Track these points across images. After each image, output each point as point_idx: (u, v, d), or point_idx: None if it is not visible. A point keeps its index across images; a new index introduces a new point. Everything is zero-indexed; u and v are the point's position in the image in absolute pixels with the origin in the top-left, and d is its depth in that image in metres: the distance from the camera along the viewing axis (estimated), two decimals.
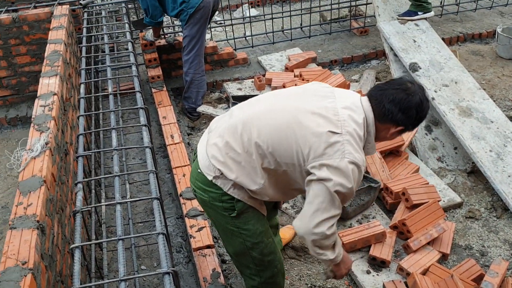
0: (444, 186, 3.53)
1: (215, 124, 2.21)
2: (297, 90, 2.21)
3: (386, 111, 1.97)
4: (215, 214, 2.23)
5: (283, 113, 2.02)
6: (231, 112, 2.20)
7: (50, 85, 3.02)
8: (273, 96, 2.18)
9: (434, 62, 4.36)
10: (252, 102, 2.19)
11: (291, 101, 2.07)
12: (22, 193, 2.18)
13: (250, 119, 2.06)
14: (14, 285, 1.75)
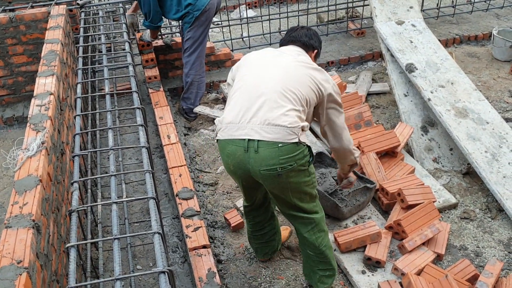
0: (439, 187, 3.54)
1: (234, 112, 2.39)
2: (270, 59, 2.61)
3: (307, 43, 2.67)
4: (297, 179, 2.38)
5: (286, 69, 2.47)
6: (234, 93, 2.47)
7: (47, 85, 3.02)
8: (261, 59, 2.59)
9: (431, 63, 4.38)
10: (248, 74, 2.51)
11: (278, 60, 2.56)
12: (18, 192, 2.18)
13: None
14: (9, 283, 1.76)
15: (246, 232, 3.29)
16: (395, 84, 4.37)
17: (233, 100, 2.43)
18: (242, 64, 2.60)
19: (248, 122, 2.31)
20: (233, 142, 2.33)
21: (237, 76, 2.55)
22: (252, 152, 2.29)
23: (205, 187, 3.77)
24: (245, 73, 2.50)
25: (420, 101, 4.21)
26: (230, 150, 2.35)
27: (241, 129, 2.31)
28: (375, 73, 5.18)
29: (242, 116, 2.33)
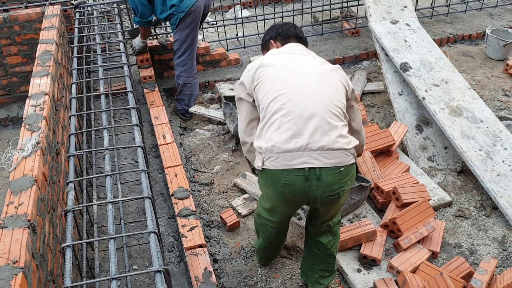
0: (434, 185, 3.56)
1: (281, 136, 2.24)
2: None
3: (305, 40, 2.75)
4: (347, 194, 2.38)
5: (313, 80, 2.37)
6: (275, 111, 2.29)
7: (42, 85, 3.01)
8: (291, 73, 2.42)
9: (425, 62, 4.40)
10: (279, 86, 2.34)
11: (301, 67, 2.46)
12: (13, 193, 2.18)
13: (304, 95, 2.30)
14: (4, 284, 1.75)
15: (241, 232, 3.30)
16: (389, 83, 4.39)
17: (276, 124, 2.23)
18: (262, 77, 2.36)
19: (304, 150, 2.16)
20: (290, 172, 2.17)
21: (263, 92, 2.33)
22: (314, 180, 2.17)
23: (201, 186, 3.77)
24: (280, 90, 2.27)
25: (415, 100, 4.22)
26: (289, 180, 2.19)
27: (297, 157, 2.16)
28: (370, 72, 5.20)
29: (295, 143, 2.17)
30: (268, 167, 2.21)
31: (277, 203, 2.41)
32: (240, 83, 2.50)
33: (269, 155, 2.20)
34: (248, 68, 2.48)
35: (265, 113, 2.28)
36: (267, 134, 2.24)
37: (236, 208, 3.46)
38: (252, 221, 3.36)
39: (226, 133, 4.34)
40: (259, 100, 2.36)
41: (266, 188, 2.36)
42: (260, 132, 2.30)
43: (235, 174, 3.87)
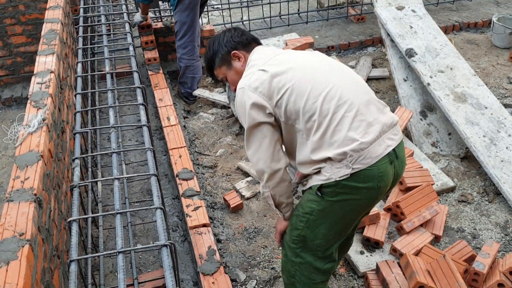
0: (437, 170, 3.56)
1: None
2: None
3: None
4: None
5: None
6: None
7: (47, 63, 3.01)
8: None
9: (430, 48, 4.38)
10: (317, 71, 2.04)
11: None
12: (19, 167, 2.19)
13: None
14: (11, 255, 1.77)
15: (245, 213, 3.31)
16: (394, 69, 4.37)
17: (345, 121, 1.91)
18: (287, 85, 1.96)
19: (381, 134, 1.96)
20: (380, 162, 1.94)
21: (301, 99, 1.94)
22: (395, 160, 2.01)
23: (205, 169, 3.78)
24: (324, 88, 1.94)
25: (420, 86, 4.21)
26: (382, 171, 1.95)
27: (381, 144, 1.95)
28: (375, 59, 5.18)
29: (375, 131, 1.94)
30: (360, 168, 1.91)
31: (356, 214, 2.11)
32: (249, 108, 1.98)
33: (357, 154, 1.90)
34: (246, 89, 1.99)
35: (320, 118, 1.91)
36: (338, 137, 1.90)
37: (239, 191, 3.48)
38: (255, 203, 3.38)
39: (230, 117, 4.34)
40: (296, 110, 1.95)
41: (352, 197, 1.99)
42: (321, 141, 1.93)
43: (238, 158, 3.88)
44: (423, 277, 2.57)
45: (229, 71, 2.22)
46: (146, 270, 2.86)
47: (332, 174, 1.93)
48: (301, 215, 2.10)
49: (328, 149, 1.92)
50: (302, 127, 1.96)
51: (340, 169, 1.92)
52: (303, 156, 2.01)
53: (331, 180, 1.94)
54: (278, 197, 2.11)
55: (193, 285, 2.77)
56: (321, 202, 2.02)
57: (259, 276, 2.83)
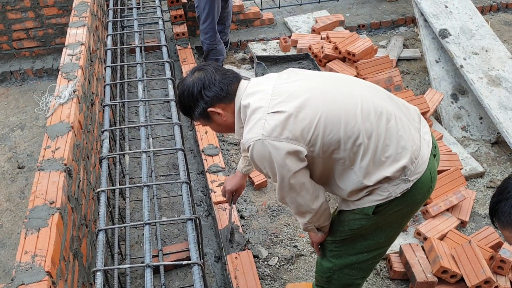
0: (466, 155, 3.49)
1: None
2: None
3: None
4: None
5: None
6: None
7: (78, 35, 3.04)
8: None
9: (465, 29, 4.24)
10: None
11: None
12: (50, 137, 2.23)
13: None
14: (42, 222, 1.82)
15: (268, 191, 3.32)
16: (427, 49, 4.26)
17: (388, 137, 1.75)
18: (314, 117, 1.70)
19: (419, 135, 1.85)
20: (429, 161, 1.85)
21: (336, 128, 1.71)
22: (434, 150, 1.91)
23: (230, 146, 3.79)
24: (350, 109, 1.74)
25: (452, 68, 4.10)
26: (432, 171, 1.87)
27: (422, 144, 1.84)
28: (407, 39, 5.06)
29: (413, 136, 1.81)
30: (417, 177, 1.80)
31: (410, 217, 2.03)
32: (283, 159, 1.70)
33: (414, 165, 1.78)
34: (267, 140, 1.69)
35: (366, 139, 1.72)
36: (391, 152, 1.75)
37: None
38: None
39: None
40: (336, 140, 1.72)
41: (406, 206, 1.88)
42: (373, 163, 1.75)
43: None
44: (447, 262, 2.55)
45: (209, 123, 1.94)
46: (170, 242, 2.91)
47: (391, 192, 1.79)
48: (347, 231, 1.97)
49: (383, 168, 1.75)
50: (344, 155, 1.74)
51: (399, 185, 1.78)
52: (352, 184, 1.80)
53: (390, 198, 1.80)
54: (322, 224, 1.97)
55: (215, 259, 2.81)
56: (374, 218, 1.87)
57: (281, 253, 2.85)
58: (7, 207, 3.38)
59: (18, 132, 4.10)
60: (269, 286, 2.64)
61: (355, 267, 2.09)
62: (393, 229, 2.00)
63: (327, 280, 2.18)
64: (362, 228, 1.93)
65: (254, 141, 1.71)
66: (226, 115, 1.87)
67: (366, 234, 1.98)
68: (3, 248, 3.09)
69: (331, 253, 2.10)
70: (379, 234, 1.98)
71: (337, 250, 2.07)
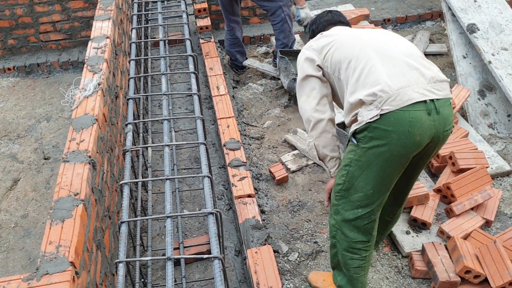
0: (493, 153, 3.41)
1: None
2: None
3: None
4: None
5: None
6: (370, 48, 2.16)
7: (103, 29, 3.07)
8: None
9: (494, 24, 4.14)
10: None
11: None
12: (75, 130, 2.27)
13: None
14: (66, 213, 1.85)
15: (289, 186, 3.31)
16: (454, 45, 4.17)
17: (379, 67, 2.05)
18: (334, 40, 2.27)
19: (417, 83, 2.01)
20: (413, 108, 1.97)
21: (343, 49, 2.20)
22: (435, 114, 2.01)
23: (251, 140, 3.79)
24: (365, 41, 2.20)
25: (480, 63, 4.01)
26: (414, 117, 1.97)
27: (415, 91, 1.99)
28: (433, 34, 4.96)
29: (409, 78, 2.02)
30: (389, 109, 1.96)
31: (391, 167, 2.10)
32: (303, 61, 2.32)
33: (387, 95, 1.97)
34: (304, 48, 2.37)
35: (356, 63, 2.09)
36: (371, 79, 2.03)
37: (285, 163, 3.47)
38: (301, 177, 3.37)
39: (279, 89, 4.31)
40: (338, 60, 2.18)
41: (382, 143, 2.03)
42: (356, 83, 2.07)
43: (286, 130, 3.85)
44: (470, 262, 2.50)
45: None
46: (191, 235, 2.93)
47: (364, 117, 2.03)
48: (342, 169, 2.21)
49: (361, 91, 2.04)
50: (344, 76, 2.15)
51: (371, 111, 2.01)
52: (345, 103, 2.15)
53: (362, 123, 2.03)
54: (321, 149, 2.29)
55: (235, 254, 2.82)
56: (357, 150, 2.11)
57: (301, 249, 2.84)
58: (33, 197, 3.46)
59: (44, 123, 4.18)
60: (289, 282, 2.64)
61: (352, 225, 2.23)
62: (376, 174, 2.11)
63: (334, 243, 2.35)
64: (351, 165, 2.14)
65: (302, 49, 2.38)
66: None
67: (354, 181, 2.15)
68: (29, 237, 3.16)
69: (333, 208, 2.29)
70: (365, 180, 2.13)
71: (337, 204, 2.26)
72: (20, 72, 4.83)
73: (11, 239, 3.16)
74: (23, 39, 4.82)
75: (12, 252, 3.08)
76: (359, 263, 2.30)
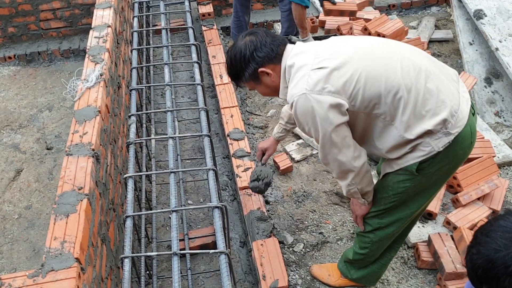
0: (500, 141, 3.38)
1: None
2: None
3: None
4: None
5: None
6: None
7: (104, 17, 3.02)
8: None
9: (502, 10, 4.07)
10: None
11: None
12: (78, 122, 2.24)
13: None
14: (71, 208, 1.83)
15: (294, 176, 3.29)
16: (460, 31, 4.11)
17: (428, 91, 1.77)
18: (355, 73, 1.76)
19: (457, 91, 1.85)
20: (469, 117, 1.85)
21: (374, 82, 1.75)
22: (473, 109, 1.90)
23: (255, 129, 3.75)
24: (392, 65, 1.79)
25: (486, 50, 3.95)
26: (472, 126, 1.87)
27: (461, 100, 1.84)
28: (439, 19, 4.89)
29: (453, 91, 1.82)
30: (458, 131, 1.80)
31: (447, 177, 2.02)
32: (327, 110, 1.75)
33: (455, 118, 1.79)
34: (309, 94, 1.75)
35: (406, 93, 1.75)
36: (431, 105, 1.77)
37: (289, 153, 3.44)
38: (305, 167, 3.34)
39: None
40: (377, 94, 1.76)
41: (449, 161, 1.88)
42: (413, 116, 1.77)
43: None
44: None
45: (258, 85, 2.02)
46: (196, 226, 2.92)
47: (433, 146, 1.80)
48: (391, 196, 2.00)
49: (424, 121, 1.77)
50: (385, 109, 1.77)
51: (440, 139, 1.79)
52: (393, 139, 1.83)
53: (432, 153, 1.81)
54: (365, 188, 1.99)
55: (240, 245, 2.80)
56: (417, 178, 1.89)
57: (306, 239, 2.83)
58: (36, 187, 3.44)
59: (46, 113, 4.15)
60: (295, 273, 2.63)
61: (392, 237, 2.17)
62: (434, 191, 2.03)
63: (364, 253, 2.26)
64: (406, 192, 1.96)
65: (298, 96, 1.78)
66: (274, 76, 1.95)
67: (408, 200, 2.00)
68: (33, 228, 3.15)
69: (374, 226, 2.14)
70: (420, 199, 2.01)
71: (379, 222, 2.11)
72: (21, 60, 4.78)
73: (15, 231, 3.15)
74: (23, 27, 4.76)
75: (17, 244, 3.07)
76: (389, 260, 2.35)
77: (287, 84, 1.90)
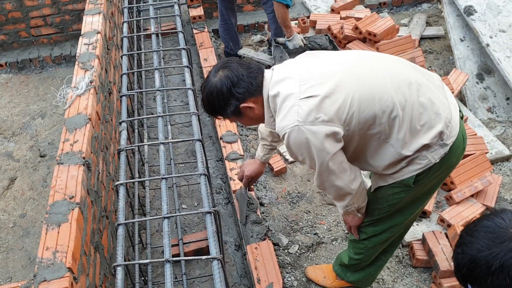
0: (492, 137, 3.39)
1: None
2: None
3: None
4: None
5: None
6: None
7: (94, 23, 3.01)
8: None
9: (492, 5, 4.08)
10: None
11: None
12: (68, 130, 2.23)
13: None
14: (62, 217, 1.83)
15: (288, 177, 3.29)
16: (451, 28, 4.12)
17: (423, 107, 1.75)
18: (346, 97, 1.70)
19: (445, 98, 1.85)
20: (459, 124, 1.87)
21: (369, 104, 1.71)
22: (461, 122, 1.89)
23: (248, 131, 3.75)
24: (384, 85, 1.75)
25: (477, 46, 3.96)
26: (463, 131, 1.89)
27: (453, 109, 1.84)
28: (430, 16, 4.89)
29: (442, 100, 1.81)
30: (453, 140, 1.81)
31: (441, 183, 2.05)
32: (322, 140, 1.70)
33: (449, 128, 1.78)
34: (303, 126, 1.69)
35: (400, 110, 1.72)
36: (425, 119, 1.75)
37: (283, 154, 3.44)
38: (299, 168, 3.34)
39: None
40: (371, 116, 1.72)
41: (444, 170, 1.88)
42: (410, 133, 1.75)
43: None
44: None
45: (241, 119, 1.95)
46: (190, 230, 2.92)
47: (430, 159, 1.79)
48: (386, 207, 2.00)
49: (420, 136, 1.76)
50: (380, 129, 1.74)
51: (436, 151, 1.78)
52: (390, 157, 1.80)
53: (429, 165, 1.80)
54: (361, 205, 1.99)
55: (235, 248, 2.80)
56: (412, 188, 1.88)
57: (301, 241, 2.83)
58: (31, 195, 3.43)
59: (39, 120, 4.14)
60: (290, 275, 2.63)
61: (387, 241, 2.18)
62: (429, 197, 2.04)
63: (359, 258, 2.27)
64: (401, 202, 1.95)
65: (290, 128, 1.71)
66: (257, 108, 1.87)
67: (403, 208, 2.00)
68: (28, 237, 3.15)
69: (369, 234, 2.14)
70: (415, 206, 2.02)
71: (374, 230, 2.11)
72: (13, 68, 4.76)
73: (10, 239, 3.15)
74: (14, 34, 4.75)
75: (12, 252, 3.06)
76: (384, 263, 2.37)
77: (272, 114, 1.84)
